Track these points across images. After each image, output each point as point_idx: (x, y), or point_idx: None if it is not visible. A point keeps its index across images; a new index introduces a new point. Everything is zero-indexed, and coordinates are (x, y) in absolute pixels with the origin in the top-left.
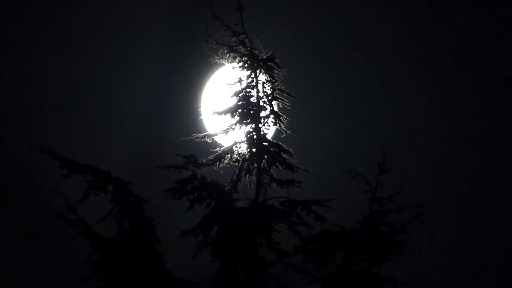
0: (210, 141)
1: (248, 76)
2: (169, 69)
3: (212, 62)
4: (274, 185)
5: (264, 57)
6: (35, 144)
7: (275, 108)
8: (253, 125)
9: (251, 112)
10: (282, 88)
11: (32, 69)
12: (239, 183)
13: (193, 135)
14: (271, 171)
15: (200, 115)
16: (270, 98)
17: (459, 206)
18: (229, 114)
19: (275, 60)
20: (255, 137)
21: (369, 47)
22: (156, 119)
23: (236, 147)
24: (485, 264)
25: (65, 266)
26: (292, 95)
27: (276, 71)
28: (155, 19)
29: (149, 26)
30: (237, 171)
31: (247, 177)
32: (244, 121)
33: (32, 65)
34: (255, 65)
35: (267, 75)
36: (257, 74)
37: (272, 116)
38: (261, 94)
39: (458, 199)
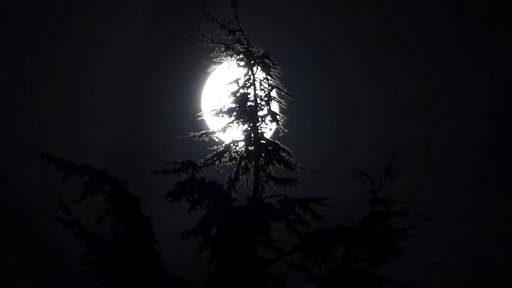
0: (208, 140)
1: (245, 74)
2: (168, 68)
3: (207, 62)
4: (271, 183)
5: (260, 54)
6: (32, 150)
7: (273, 107)
8: (251, 124)
9: (248, 111)
10: (280, 87)
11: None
12: (237, 182)
13: (190, 133)
14: (269, 169)
15: (199, 114)
16: (267, 98)
17: (458, 208)
18: (226, 114)
19: (270, 57)
20: (252, 135)
21: (371, 44)
22: (155, 118)
23: (234, 145)
24: (484, 266)
25: (62, 267)
26: (291, 95)
27: (273, 69)
28: (152, 18)
29: (145, 26)
30: (235, 170)
31: (244, 176)
32: (241, 120)
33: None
34: (252, 62)
35: (264, 73)
36: (254, 72)
37: (269, 115)
38: (258, 93)
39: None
